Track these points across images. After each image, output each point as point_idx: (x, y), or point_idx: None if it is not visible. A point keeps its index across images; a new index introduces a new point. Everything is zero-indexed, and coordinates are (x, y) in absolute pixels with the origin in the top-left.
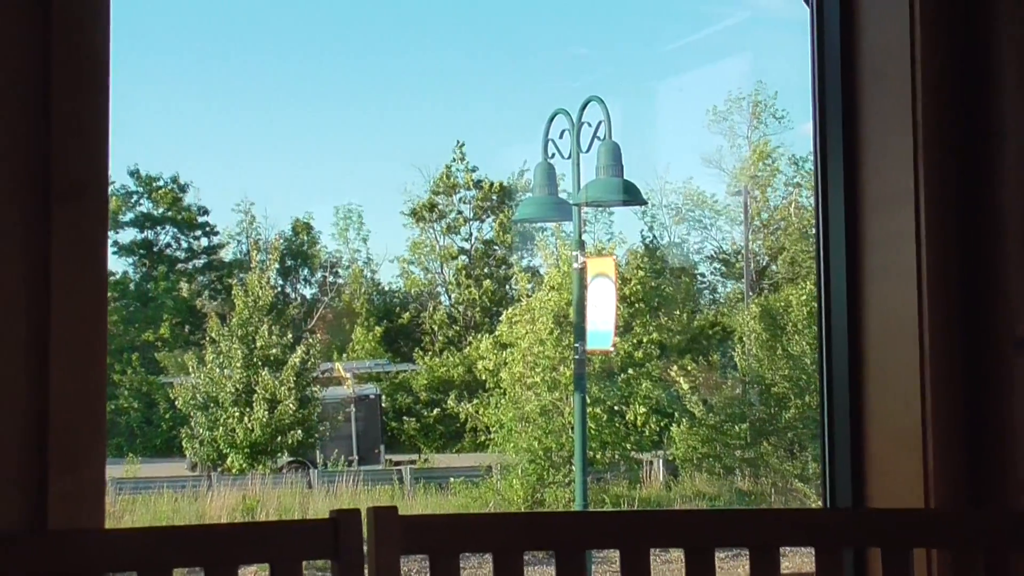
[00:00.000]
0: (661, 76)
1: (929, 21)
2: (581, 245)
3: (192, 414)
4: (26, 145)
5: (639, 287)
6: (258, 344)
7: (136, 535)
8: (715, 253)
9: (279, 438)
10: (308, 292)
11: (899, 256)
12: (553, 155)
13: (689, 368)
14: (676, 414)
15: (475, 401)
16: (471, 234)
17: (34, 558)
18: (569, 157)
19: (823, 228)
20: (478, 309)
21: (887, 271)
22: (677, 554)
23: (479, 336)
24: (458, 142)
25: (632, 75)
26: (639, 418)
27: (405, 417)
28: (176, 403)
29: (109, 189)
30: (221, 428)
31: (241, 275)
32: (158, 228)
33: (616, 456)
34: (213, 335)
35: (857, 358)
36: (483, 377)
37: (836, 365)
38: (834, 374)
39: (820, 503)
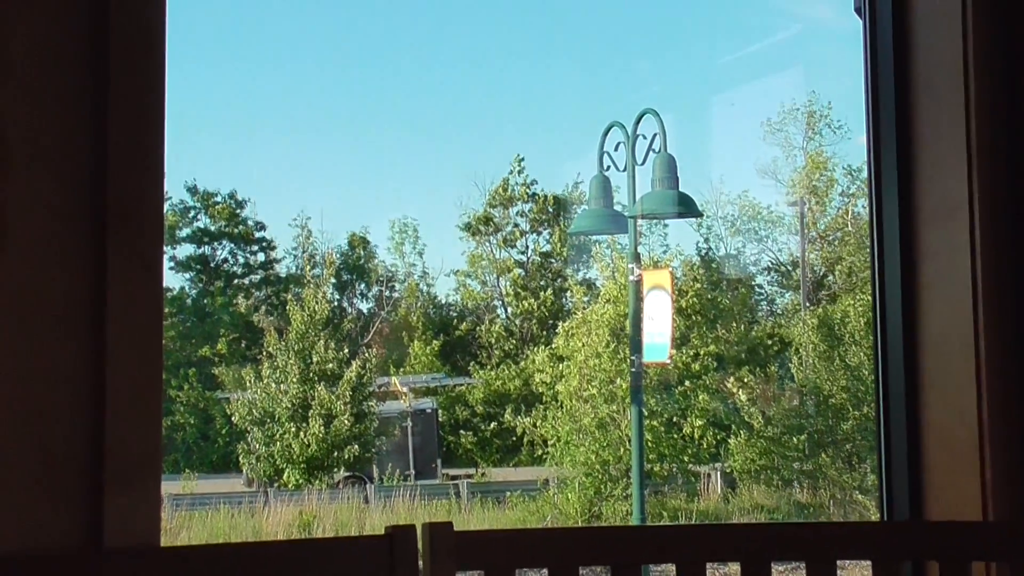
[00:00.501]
0: (715, 89)
1: (983, 33)
2: (637, 257)
3: (249, 429)
4: (83, 163)
5: (696, 299)
6: (314, 359)
7: (191, 552)
8: (772, 264)
9: (335, 453)
10: (364, 306)
11: (954, 267)
12: (608, 168)
13: (746, 380)
14: (734, 426)
15: (532, 414)
16: (527, 247)
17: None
18: (624, 170)
19: (878, 239)
20: (535, 321)
21: (942, 282)
22: (735, 568)
23: (536, 349)
24: (517, 156)
25: (687, 88)
26: (696, 430)
27: (462, 431)
28: (233, 419)
29: (166, 205)
30: (278, 443)
31: (297, 290)
32: (215, 244)
33: (673, 469)
34: (270, 349)
35: (913, 369)
36: (540, 390)
37: (892, 377)
38: (890, 386)
39: (879, 515)
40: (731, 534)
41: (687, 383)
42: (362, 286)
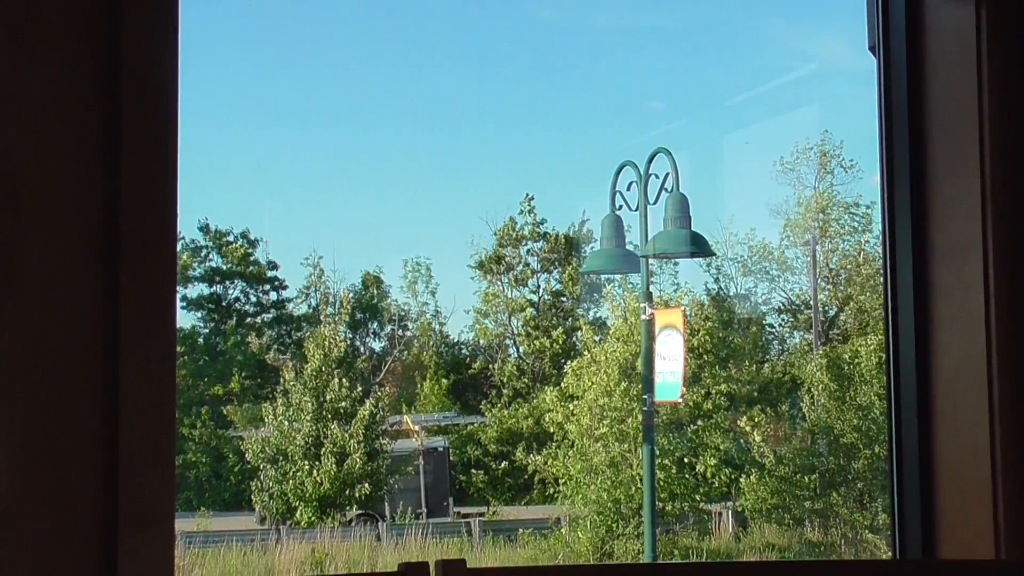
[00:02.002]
0: (728, 128)
1: (997, 71)
2: (649, 296)
3: (262, 467)
4: (95, 203)
5: (707, 338)
6: (328, 397)
7: None
8: (783, 304)
9: (348, 491)
10: (377, 345)
11: (968, 306)
12: (621, 207)
13: (757, 419)
14: (746, 465)
15: (544, 453)
16: (539, 286)
17: None
18: (636, 209)
19: (891, 278)
20: (547, 360)
21: (956, 321)
22: None
23: (547, 388)
24: (527, 195)
25: (699, 127)
26: (708, 469)
27: (473, 469)
28: (246, 456)
29: (178, 245)
30: (291, 481)
31: (310, 328)
32: (227, 283)
33: (685, 507)
34: (287, 386)
35: (926, 408)
36: (551, 429)
37: (905, 415)
38: (903, 424)
39: (890, 555)
40: (744, 572)
41: (699, 422)
42: (375, 325)
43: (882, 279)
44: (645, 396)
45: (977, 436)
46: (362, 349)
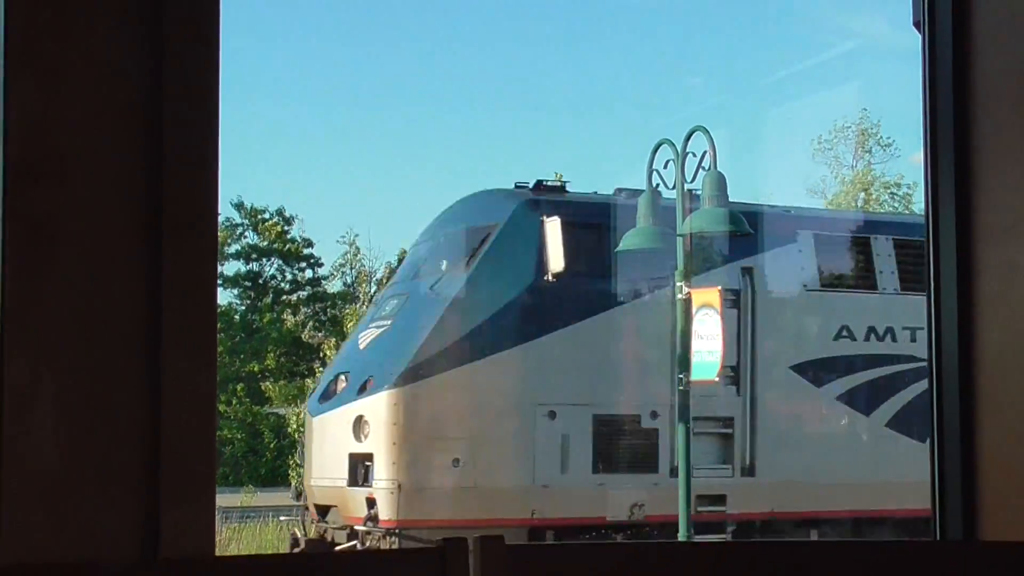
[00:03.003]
0: (767, 105)
1: None
2: (686, 275)
3: (300, 441)
4: (138, 178)
5: None
6: None
7: (246, 563)
8: None
9: None
10: None
11: (1012, 285)
12: (657, 185)
13: None
14: None
15: None
16: None
17: None
18: (673, 187)
19: (934, 257)
20: None
21: (1000, 301)
22: None
23: None
24: (557, 174)
25: (738, 104)
26: None
27: None
28: (285, 431)
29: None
30: None
31: (345, 306)
32: (263, 260)
33: None
34: (327, 362)
35: (968, 390)
36: None
37: (947, 396)
38: (944, 406)
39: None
40: (782, 550)
41: None
42: None
43: (925, 259)
44: (680, 375)
45: (1019, 417)
46: None
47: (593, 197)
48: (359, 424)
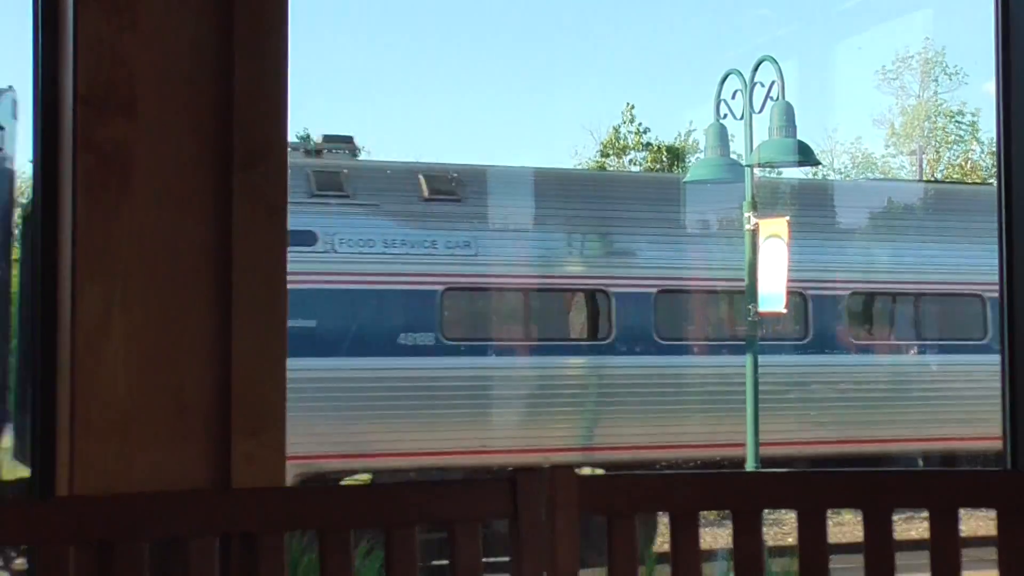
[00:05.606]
0: (836, 36)
1: None
2: (754, 205)
3: None
4: (208, 110)
5: None
6: None
7: (318, 493)
8: None
9: None
10: None
11: None
12: (725, 116)
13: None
14: None
15: None
16: None
17: (219, 514)
18: (741, 118)
19: (1006, 200)
20: None
21: None
22: (848, 516)
23: None
24: (628, 104)
25: (806, 34)
26: None
27: None
28: None
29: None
30: None
31: None
32: None
33: None
34: None
35: None
36: None
37: (1018, 328)
38: (1016, 337)
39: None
40: (853, 481)
41: None
42: None
43: (996, 194)
44: (749, 306)
45: None
46: None
47: None
48: None
